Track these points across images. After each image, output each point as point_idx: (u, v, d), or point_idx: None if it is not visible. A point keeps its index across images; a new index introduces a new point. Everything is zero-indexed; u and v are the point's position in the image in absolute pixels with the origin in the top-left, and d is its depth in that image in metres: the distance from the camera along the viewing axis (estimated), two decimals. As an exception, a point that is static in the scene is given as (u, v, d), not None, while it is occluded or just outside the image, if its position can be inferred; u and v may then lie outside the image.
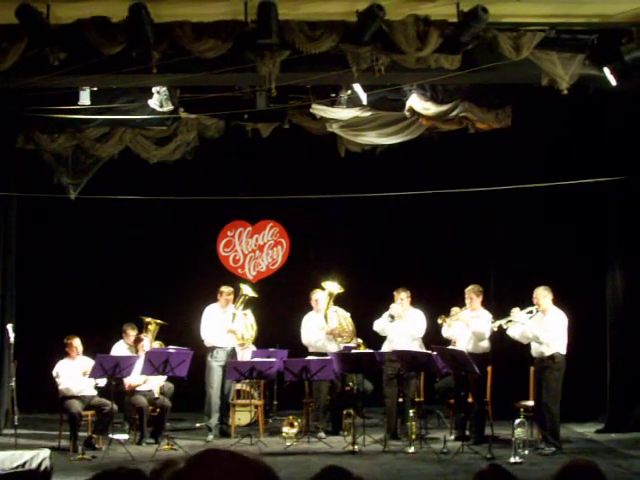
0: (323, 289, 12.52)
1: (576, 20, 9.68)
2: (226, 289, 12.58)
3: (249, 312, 12.66)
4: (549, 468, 9.77)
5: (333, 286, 12.48)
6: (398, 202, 12.99)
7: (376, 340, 12.46)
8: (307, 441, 11.59)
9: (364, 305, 13.12)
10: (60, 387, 11.44)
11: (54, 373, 11.50)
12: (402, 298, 12.00)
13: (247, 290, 12.66)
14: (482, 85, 11.11)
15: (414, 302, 12.20)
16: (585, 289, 12.91)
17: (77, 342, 11.58)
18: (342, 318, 12.54)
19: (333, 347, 12.40)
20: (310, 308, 12.69)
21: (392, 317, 11.91)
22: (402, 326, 11.96)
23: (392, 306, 11.97)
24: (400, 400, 11.88)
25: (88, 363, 11.37)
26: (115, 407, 11.38)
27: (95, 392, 11.62)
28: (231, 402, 12.48)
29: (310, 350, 12.50)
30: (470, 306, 11.66)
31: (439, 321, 11.70)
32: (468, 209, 13.75)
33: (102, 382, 11.61)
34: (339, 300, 12.78)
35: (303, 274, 13.92)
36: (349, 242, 14.86)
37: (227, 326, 12.38)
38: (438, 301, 12.59)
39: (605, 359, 12.56)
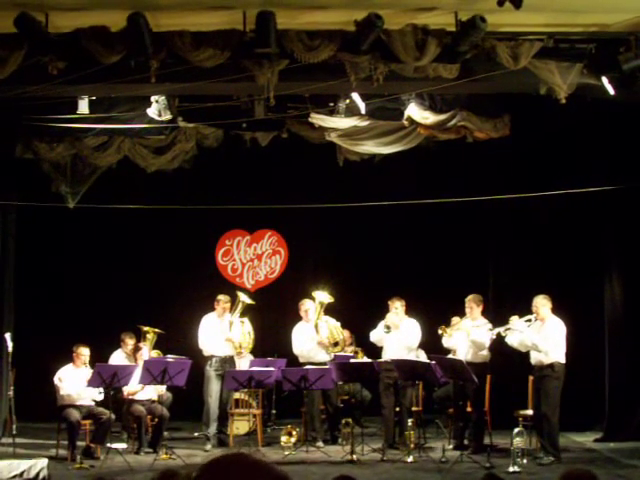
0: (313, 299, 12.51)
1: (574, 29, 9.70)
2: (223, 297, 12.58)
3: (246, 320, 12.66)
4: (548, 477, 9.78)
5: (323, 296, 12.47)
6: (396, 211, 13.01)
7: (376, 348, 12.44)
8: (306, 450, 11.55)
9: (363, 314, 13.12)
10: (61, 392, 11.38)
11: (56, 378, 11.44)
12: (397, 307, 11.98)
13: (244, 297, 12.66)
14: (480, 94, 11.12)
15: (413, 311, 12.20)
16: (584, 298, 12.91)
17: (86, 352, 11.53)
18: (333, 328, 12.54)
19: (324, 357, 12.39)
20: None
21: (388, 328, 11.88)
22: (398, 336, 11.94)
23: (388, 316, 11.95)
24: (397, 409, 11.86)
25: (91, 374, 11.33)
26: (112, 416, 11.35)
27: (93, 402, 11.60)
28: (229, 411, 12.46)
29: (301, 360, 12.49)
30: (470, 315, 11.64)
31: (439, 331, 11.67)
32: (466, 218, 13.74)
33: (100, 396, 11.57)
34: (338, 309, 12.78)
35: (301, 283, 13.89)
36: (348, 251, 14.86)
37: (224, 334, 12.38)
38: (437, 310, 12.60)
39: (604, 368, 12.56)
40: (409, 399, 11.91)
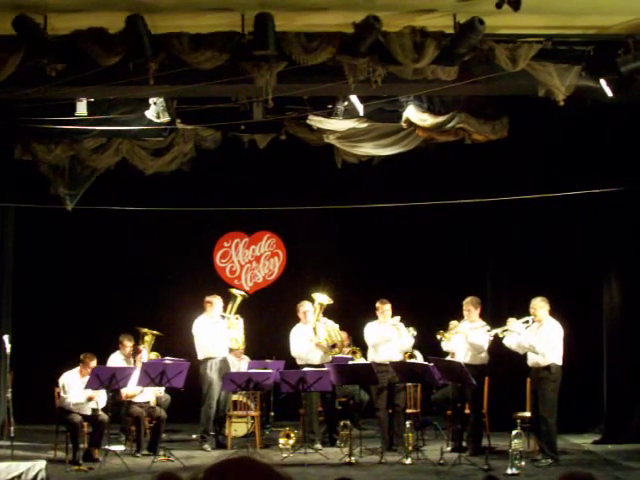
0: (312, 300, 12.51)
1: (573, 32, 9.71)
2: (216, 299, 12.48)
3: (238, 316, 12.66)
4: (546, 480, 9.78)
5: (322, 297, 12.46)
6: (395, 213, 13.01)
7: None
8: (304, 452, 11.54)
9: (361, 316, 13.10)
10: (64, 402, 11.32)
11: (60, 383, 11.35)
12: (386, 310, 12.00)
13: (237, 292, 12.70)
14: (479, 96, 11.12)
15: (411, 313, 12.22)
16: (582, 300, 12.91)
17: (93, 363, 11.40)
18: (331, 330, 12.52)
19: (322, 358, 12.37)
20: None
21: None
22: (395, 339, 11.94)
23: (398, 323, 11.97)
24: (390, 411, 11.85)
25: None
26: (106, 416, 11.24)
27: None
28: (227, 413, 12.45)
29: (299, 362, 12.45)
30: (468, 318, 11.61)
31: (438, 336, 11.65)
32: (465, 220, 13.75)
33: (102, 402, 11.48)
34: (336, 311, 12.77)
35: (300, 285, 13.90)
36: (346, 253, 14.86)
37: (225, 335, 12.35)
38: (435, 312, 12.60)
39: (602, 370, 12.56)
40: (403, 400, 11.93)
